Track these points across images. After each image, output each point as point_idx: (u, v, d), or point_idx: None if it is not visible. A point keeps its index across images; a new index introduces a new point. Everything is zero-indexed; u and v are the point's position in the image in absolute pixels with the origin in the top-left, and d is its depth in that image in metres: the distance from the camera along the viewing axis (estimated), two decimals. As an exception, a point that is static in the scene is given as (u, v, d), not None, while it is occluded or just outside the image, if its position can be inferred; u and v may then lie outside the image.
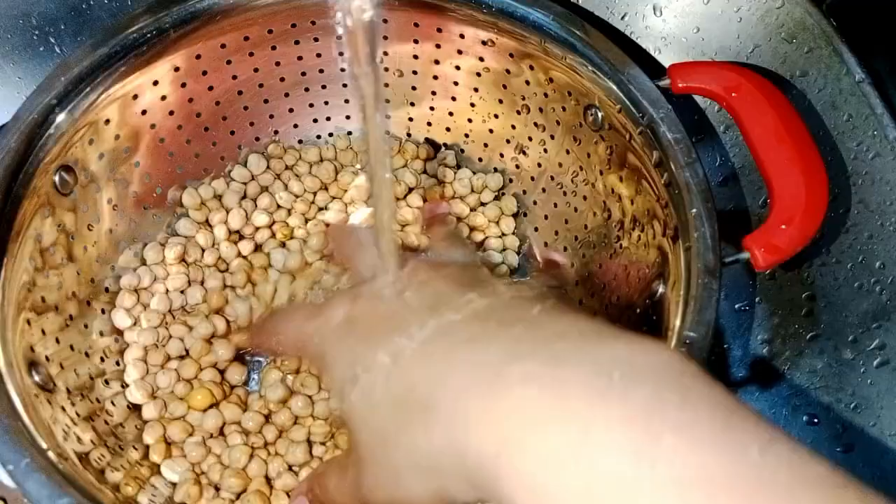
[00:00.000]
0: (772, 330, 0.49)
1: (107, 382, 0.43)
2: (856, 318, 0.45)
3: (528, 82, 0.46)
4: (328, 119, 0.52)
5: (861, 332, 0.45)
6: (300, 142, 0.52)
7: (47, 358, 0.38)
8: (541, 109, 0.46)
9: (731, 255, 0.37)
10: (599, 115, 0.43)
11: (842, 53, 0.44)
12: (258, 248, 0.49)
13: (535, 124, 0.47)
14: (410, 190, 0.51)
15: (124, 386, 0.44)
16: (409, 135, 0.53)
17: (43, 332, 0.38)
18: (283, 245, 0.50)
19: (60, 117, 0.39)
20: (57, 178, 0.40)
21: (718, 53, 0.49)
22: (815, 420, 0.46)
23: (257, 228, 0.50)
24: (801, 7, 0.46)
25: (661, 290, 0.39)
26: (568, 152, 0.46)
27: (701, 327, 0.34)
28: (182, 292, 0.47)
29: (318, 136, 0.52)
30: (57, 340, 0.40)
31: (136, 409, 0.44)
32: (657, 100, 0.40)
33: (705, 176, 0.37)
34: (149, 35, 0.41)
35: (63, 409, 0.37)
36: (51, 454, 0.32)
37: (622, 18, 0.50)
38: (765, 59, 0.48)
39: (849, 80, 0.44)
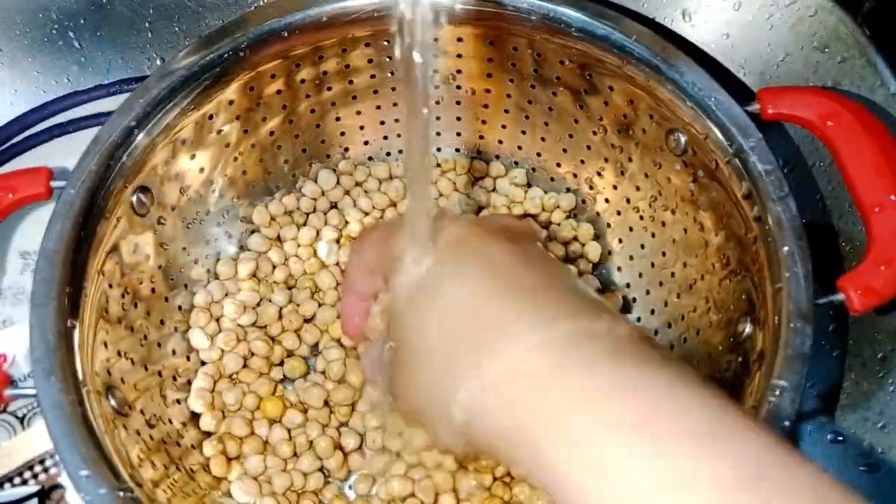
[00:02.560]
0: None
1: (178, 402, 0.43)
2: (885, 336, 0.43)
3: (606, 103, 0.44)
4: (399, 136, 0.51)
5: (890, 350, 0.43)
6: (370, 158, 0.52)
7: (122, 380, 0.38)
8: (619, 131, 0.45)
9: (822, 296, 0.35)
10: (683, 139, 0.41)
11: (876, 64, 0.43)
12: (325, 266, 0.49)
13: (612, 145, 0.46)
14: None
15: (196, 408, 0.44)
16: (457, 150, 0.52)
17: (119, 353, 0.39)
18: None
19: (139, 139, 0.40)
20: (134, 199, 0.40)
21: (748, 61, 0.48)
22: (840, 438, 0.44)
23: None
24: (835, 16, 0.44)
25: (747, 329, 0.37)
26: (647, 176, 0.45)
27: (792, 376, 0.32)
28: (254, 309, 0.47)
29: (388, 154, 0.52)
30: (132, 361, 0.40)
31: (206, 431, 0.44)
32: (747, 127, 0.38)
33: (798, 212, 0.36)
34: (225, 56, 0.41)
35: (138, 432, 0.37)
36: (127, 483, 0.32)
37: (651, 22, 0.49)
38: (796, 68, 0.46)
39: (883, 92, 0.43)
